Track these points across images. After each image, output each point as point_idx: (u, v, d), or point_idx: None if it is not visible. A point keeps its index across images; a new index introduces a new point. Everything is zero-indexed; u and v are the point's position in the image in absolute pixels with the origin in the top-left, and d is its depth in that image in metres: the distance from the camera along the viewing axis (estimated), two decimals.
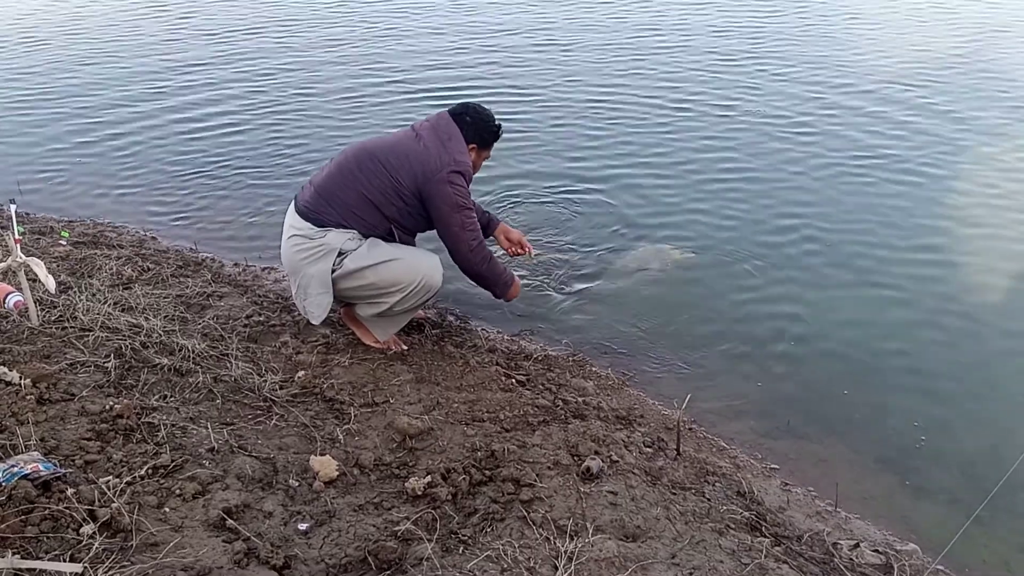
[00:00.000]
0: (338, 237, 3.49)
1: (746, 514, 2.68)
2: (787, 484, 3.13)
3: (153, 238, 5.17)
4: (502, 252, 4.13)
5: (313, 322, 3.64)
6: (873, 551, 2.67)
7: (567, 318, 4.26)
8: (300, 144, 6.68)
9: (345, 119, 7.21)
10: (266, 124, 7.17)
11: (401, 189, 3.48)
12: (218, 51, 9.63)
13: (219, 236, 5.25)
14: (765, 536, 2.56)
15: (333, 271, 3.50)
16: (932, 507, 3.07)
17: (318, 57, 9.21)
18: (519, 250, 4.06)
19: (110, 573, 1.93)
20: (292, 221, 3.60)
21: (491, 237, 4.04)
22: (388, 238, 3.59)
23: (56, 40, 10.52)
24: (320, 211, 3.51)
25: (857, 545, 2.68)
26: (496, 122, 3.71)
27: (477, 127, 3.64)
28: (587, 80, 8.09)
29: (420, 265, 3.55)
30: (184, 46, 9.94)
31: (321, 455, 2.73)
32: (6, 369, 2.81)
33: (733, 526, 2.57)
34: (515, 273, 3.90)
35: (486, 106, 3.73)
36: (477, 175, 3.78)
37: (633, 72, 8.29)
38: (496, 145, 3.79)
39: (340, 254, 3.49)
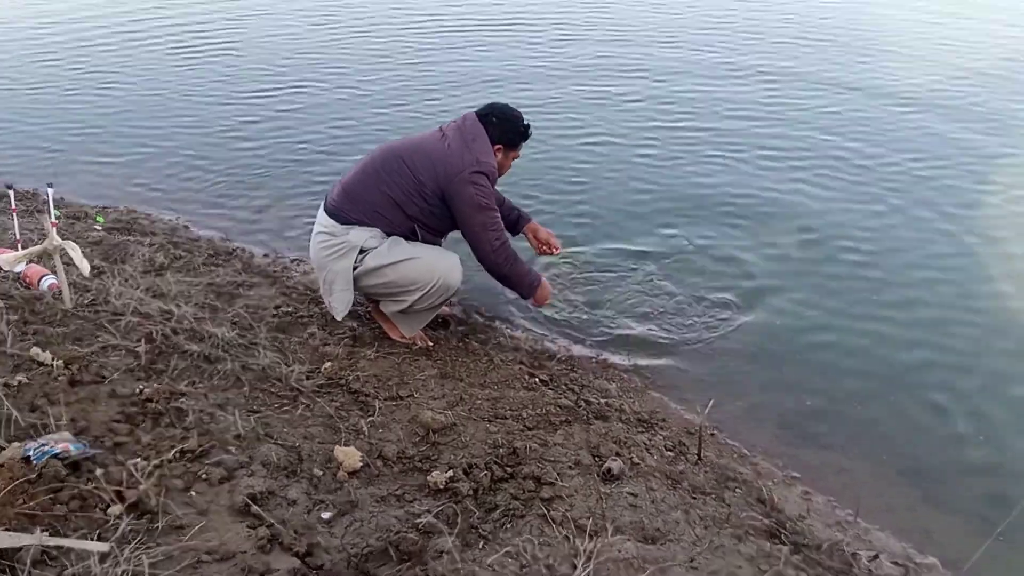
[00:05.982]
0: (360, 235, 3.53)
1: (766, 521, 2.67)
2: (808, 493, 3.11)
3: (185, 226, 5.24)
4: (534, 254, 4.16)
5: (336, 317, 3.69)
6: (893, 563, 2.65)
7: (591, 320, 4.25)
8: (335, 140, 6.74)
9: (382, 117, 7.24)
10: (302, 119, 7.23)
11: (423, 189, 3.51)
12: (259, 45, 9.73)
13: (250, 227, 5.31)
14: (784, 544, 2.55)
15: (355, 268, 3.54)
16: (954, 521, 3.04)
17: (358, 56, 9.27)
18: (547, 249, 4.09)
19: (136, 554, 1.95)
20: (320, 219, 3.66)
21: (520, 234, 4.06)
22: (411, 237, 3.62)
23: (95, 28, 10.67)
24: (345, 209, 3.56)
25: (876, 556, 2.66)
26: (524, 122, 3.71)
27: (503, 128, 3.65)
28: (616, 76, 8.10)
29: (438, 265, 3.58)
30: (223, 37, 10.05)
31: (345, 446, 2.76)
32: (39, 350, 2.85)
33: (752, 533, 2.56)
34: (544, 276, 3.89)
35: (515, 106, 3.74)
36: (509, 173, 3.80)
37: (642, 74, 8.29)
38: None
39: (362, 251, 3.53)
